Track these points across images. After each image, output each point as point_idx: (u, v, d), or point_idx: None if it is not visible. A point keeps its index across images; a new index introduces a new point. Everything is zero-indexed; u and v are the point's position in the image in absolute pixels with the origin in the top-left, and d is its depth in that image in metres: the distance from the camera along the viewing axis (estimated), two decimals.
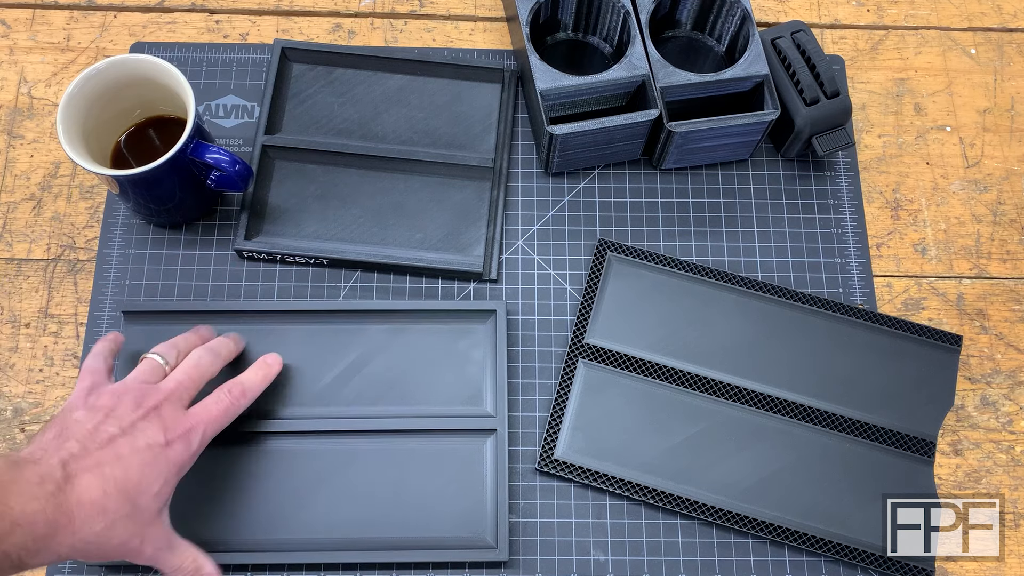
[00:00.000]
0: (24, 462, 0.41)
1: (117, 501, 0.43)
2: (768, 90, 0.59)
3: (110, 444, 0.44)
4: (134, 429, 0.45)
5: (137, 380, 0.48)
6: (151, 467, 0.45)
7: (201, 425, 0.48)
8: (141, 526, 0.44)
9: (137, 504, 0.44)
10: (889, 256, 0.62)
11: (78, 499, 0.42)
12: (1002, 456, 0.58)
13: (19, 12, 0.67)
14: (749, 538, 0.55)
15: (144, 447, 0.45)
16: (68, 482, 0.42)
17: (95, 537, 0.42)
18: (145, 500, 0.44)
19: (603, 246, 0.60)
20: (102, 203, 0.62)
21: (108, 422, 0.45)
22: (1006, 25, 0.70)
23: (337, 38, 0.67)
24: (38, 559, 0.40)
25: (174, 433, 0.46)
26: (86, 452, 0.43)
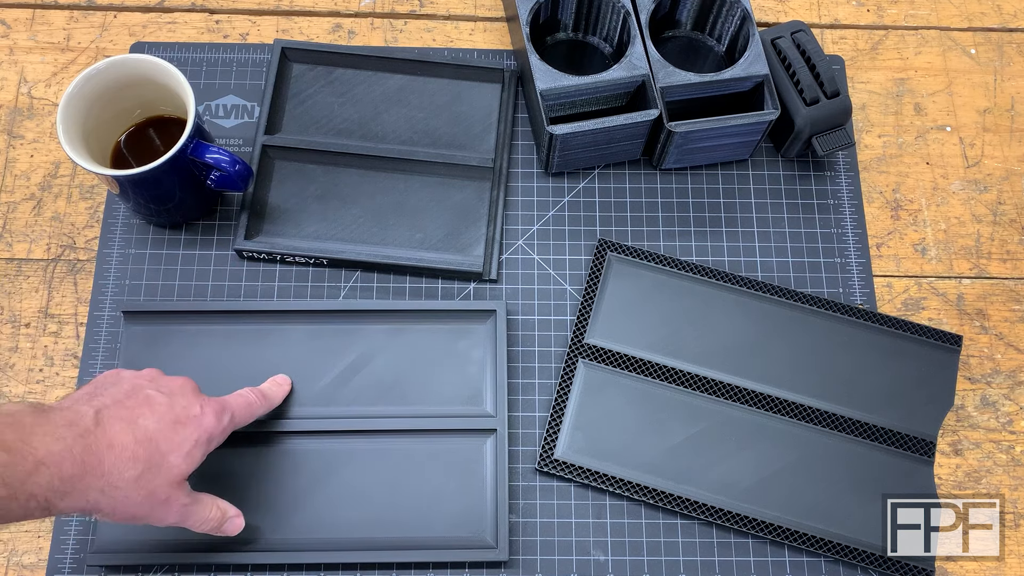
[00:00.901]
0: (52, 409, 0.42)
1: (148, 450, 0.43)
2: (768, 90, 0.59)
3: (147, 401, 0.45)
4: (172, 395, 0.46)
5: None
6: (183, 426, 0.46)
7: (231, 408, 0.49)
8: (168, 483, 0.44)
9: (167, 459, 0.44)
10: (889, 256, 0.62)
11: (109, 442, 0.42)
12: (1002, 456, 0.58)
13: (19, 12, 0.67)
14: (749, 538, 0.55)
15: (180, 408, 0.46)
16: (99, 426, 0.42)
17: (124, 484, 0.42)
18: (175, 458, 0.45)
19: (603, 246, 0.60)
20: (102, 203, 0.62)
21: (148, 385, 0.46)
22: (1006, 25, 0.70)
23: (337, 38, 0.67)
24: (67, 502, 0.40)
25: (208, 406, 0.48)
26: (120, 404, 0.44)
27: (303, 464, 0.54)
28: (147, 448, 0.43)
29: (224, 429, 0.48)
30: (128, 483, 0.42)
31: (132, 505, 0.43)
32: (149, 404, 0.45)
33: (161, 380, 0.47)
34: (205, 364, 0.56)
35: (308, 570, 0.53)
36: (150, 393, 0.46)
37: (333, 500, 0.54)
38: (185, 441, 0.45)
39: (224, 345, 0.57)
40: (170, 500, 0.45)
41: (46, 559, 0.53)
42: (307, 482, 0.54)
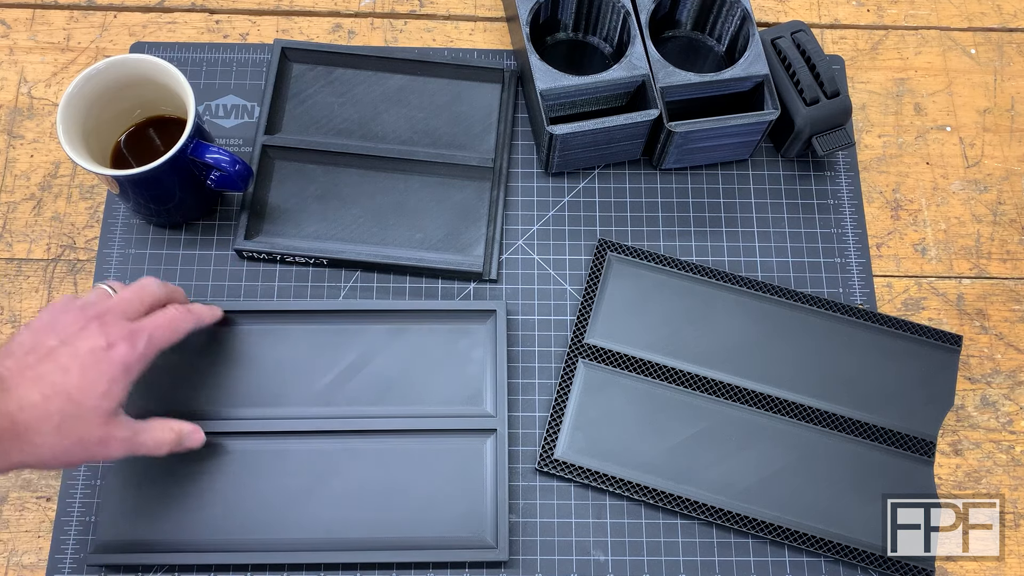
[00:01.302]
0: None
1: (60, 403, 0.44)
2: (768, 90, 0.59)
3: (49, 355, 0.45)
4: (74, 339, 0.46)
5: (81, 301, 0.49)
6: (93, 369, 0.45)
7: (146, 330, 0.48)
8: (96, 426, 0.45)
9: (84, 405, 0.45)
10: (889, 256, 0.62)
11: (18, 405, 0.43)
12: (1002, 456, 0.58)
13: (19, 12, 0.67)
14: (749, 538, 0.55)
15: (85, 352, 0.46)
16: (6, 393, 0.43)
17: (45, 439, 0.43)
18: (92, 401, 0.45)
19: (603, 246, 0.60)
20: (102, 203, 0.62)
21: (47, 336, 0.46)
22: (1006, 25, 0.70)
23: (337, 38, 0.67)
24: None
25: (116, 336, 0.47)
26: (25, 366, 0.44)
27: (303, 464, 0.54)
28: (59, 401, 0.44)
29: (142, 354, 0.47)
30: (50, 436, 0.43)
31: (64, 453, 0.44)
32: (52, 358, 0.45)
33: (60, 322, 0.47)
34: (205, 365, 0.56)
35: (308, 570, 0.53)
36: (51, 345, 0.45)
37: (333, 500, 0.54)
38: (98, 382, 0.45)
39: (223, 345, 0.57)
40: (107, 439, 0.46)
41: (46, 559, 0.53)
42: (307, 482, 0.54)
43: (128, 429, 0.47)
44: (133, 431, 0.48)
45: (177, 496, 0.53)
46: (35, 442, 0.43)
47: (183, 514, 0.53)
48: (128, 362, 0.47)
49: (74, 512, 0.54)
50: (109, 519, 0.53)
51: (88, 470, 0.55)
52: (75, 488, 0.55)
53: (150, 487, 0.54)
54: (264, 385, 0.56)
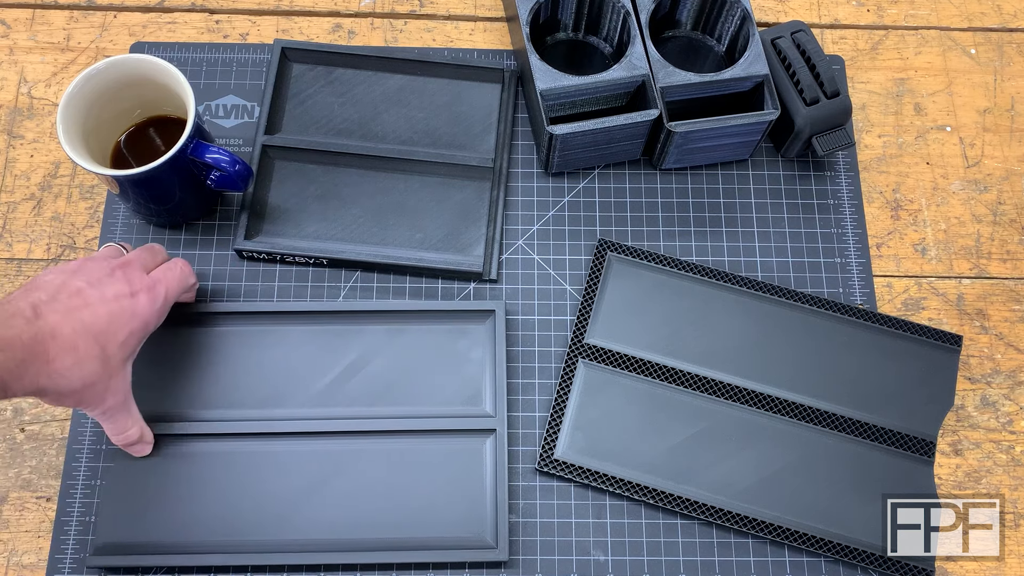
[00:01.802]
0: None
1: (86, 341, 0.45)
2: (768, 90, 0.59)
3: (79, 294, 0.46)
4: (101, 283, 0.48)
5: (100, 254, 0.52)
6: (117, 316, 0.47)
7: (163, 283, 0.51)
8: (107, 373, 0.47)
9: (104, 349, 0.46)
10: (889, 256, 0.62)
11: (51, 332, 0.44)
12: (1002, 456, 0.58)
13: (19, 12, 0.67)
14: (749, 538, 0.55)
15: (111, 297, 0.47)
16: (39, 318, 0.44)
17: (67, 371, 0.44)
18: (112, 347, 0.47)
19: (603, 246, 0.60)
20: (102, 203, 0.62)
21: (76, 277, 0.47)
22: (1006, 25, 0.70)
23: (337, 38, 0.67)
24: (19, 385, 0.43)
25: (139, 286, 0.49)
26: (54, 299, 0.45)
27: (303, 465, 0.54)
28: (85, 340, 0.45)
29: (159, 310, 0.50)
30: (70, 370, 0.45)
31: (73, 391, 0.46)
32: (81, 296, 0.46)
33: (86, 267, 0.48)
34: (203, 365, 0.56)
35: (308, 571, 0.53)
36: (80, 286, 0.47)
37: (333, 501, 0.54)
38: (120, 330, 0.47)
39: (220, 347, 0.57)
40: (106, 391, 0.47)
41: (46, 559, 0.53)
42: (307, 483, 0.54)
43: (122, 395, 0.49)
44: (123, 402, 0.49)
45: (176, 498, 0.53)
46: (59, 372, 0.44)
47: (182, 516, 0.53)
48: (147, 315, 0.49)
49: (74, 512, 0.54)
50: (108, 521, 0.53)
51: (88, 470, 0.55)
52: (75, 488, 0.55)
53: (149, 489, 0.54)
54: (263, 386, 0.56)
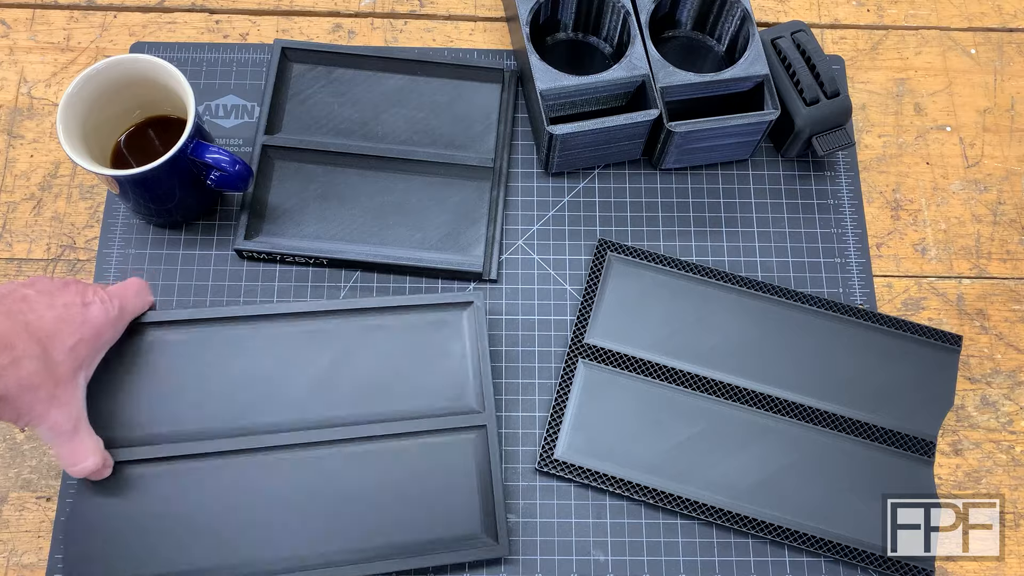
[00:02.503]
0: None
1: (25, 341, 0.42)
2: (768, 90, 0.59)
3: (24, 299, 0.44)
4: (51, 292, 0.45)
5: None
6: (65, 321, 0.45)
7: (118, 296, 0.49)
8: (51, 379, 0.44)
9: (48, 352, 0.43)
10: (889, 256, 0.62)
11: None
12: (1002, 456, 0.58)
13: (19, 12, 0.67)
14: (749, 538, 0.55)
15: (60, 304, 0.45)
16: None
17: (0, 370, 0.41)
18: (58, 352, 0.44)
19: (603, 246, 0.60)
20: (102, 203, 0.62)
21: (26, 287, 0.45)
22: (1006, 25, 0.70)
23: (337, 38, 0.67)
24: None
25: (92, 298, 0.47)
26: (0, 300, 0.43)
27: (288, 477, 0.52)
28: (24, 340, 0.42)
29: (113, 320, 0.47)
30: (5, 369, 0.41)
31: (11, 394, 0.42)
32: (27, 302, 0.44)
33: (43, 281, 0.46)
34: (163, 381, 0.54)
35: None
36: (27, 293, 0.44)
37: (326, 512, 0.52)
38: (69, 336, 0.44)
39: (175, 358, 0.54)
40: (49, 405, 0.43)
41: (46, 559, 0.53)
42: (296, 495, 0.52)
43: (74, 411, 0.45)
44: (76, 420, 0.45)
45: (157, 521, 0.51)
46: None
47: (164, 539, 0.51)
48: (100, 324, 0.46)
49: None
50: (78, 553, 0.50)
51: None
52: (75, 488, 0.54)
53: (119, 519, 0.51)
54: (237, 398, 0.53)
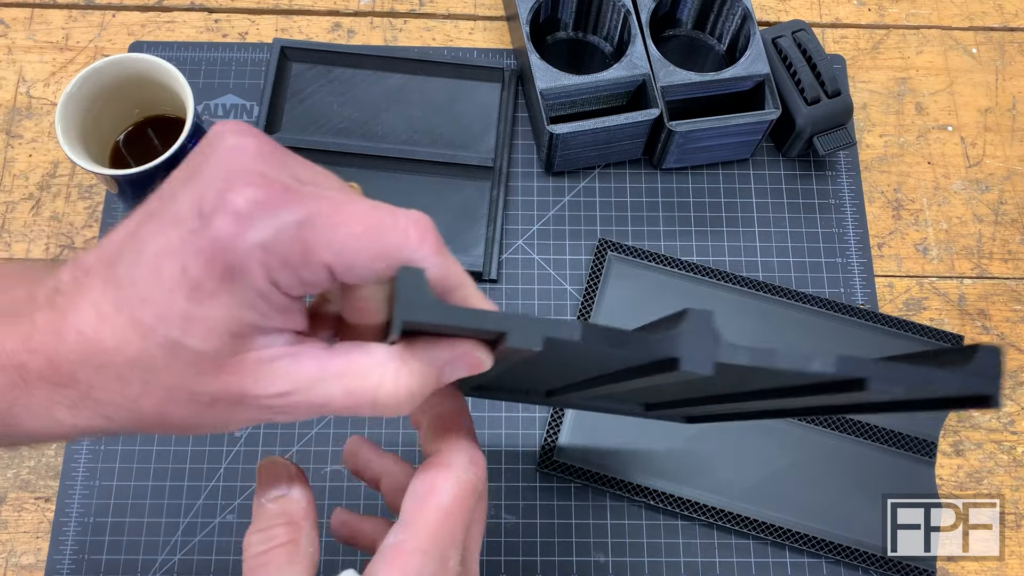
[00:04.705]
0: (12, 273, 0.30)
1: (117, 333, 0.25)
2: (769, 89, 0.59)
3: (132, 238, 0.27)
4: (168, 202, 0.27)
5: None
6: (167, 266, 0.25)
7: (282, 207, 0.27)
8: (189, 375, 0.26)
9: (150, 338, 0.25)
10: (890, 256, 0.62)
11: (57, 337, 0.26)
12: (1004, 456, 0.58)
13: (17, 11, 0.67)
14: (750, 539, 0.55)
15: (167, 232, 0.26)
16: (54, 312, 0.27)
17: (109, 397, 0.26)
18: (169, 329, 0.25)
19: (603, 246, 0.60)
20: (101, 203, 0.61)
21: (154, 197, 0.28)
22: (1007, 24, 0.69)
23: (336, 37, 0.67)
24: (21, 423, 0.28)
25: (241, 199, 0.26)
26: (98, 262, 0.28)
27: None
28: (117, 329, 0.25)
29: (265, 242, 0.24)
30: (112, 386, 0.26)
31: (157, 417, 0.26)
32: (135, 241, 0.26)
33: (192, 161, 0.26)
34: None
35: None
36: (139, 217, 0.26)
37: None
38: (172, 294, 0.24)
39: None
40: (219, 399, 0.26)
41: (44, 560, 0.53)
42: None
43: (269, 379, 0.26)
44: (290, 383, 0.26)
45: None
46: (93, 397, 0.26)
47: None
48: (232, 251, 0.24)
49: (72, 513, 0.54)
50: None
51: (86, 471, 0.55)
52: (73, 489, 0.54)
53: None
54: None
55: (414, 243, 0.26)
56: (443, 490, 0.29)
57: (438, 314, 0.24)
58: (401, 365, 0.27)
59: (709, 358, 0.24)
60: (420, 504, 0.29)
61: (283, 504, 0.30)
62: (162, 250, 0.24)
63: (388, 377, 0.26)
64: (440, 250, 0.27)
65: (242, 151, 0.25)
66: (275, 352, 0.26)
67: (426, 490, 0.29)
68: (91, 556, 0.53)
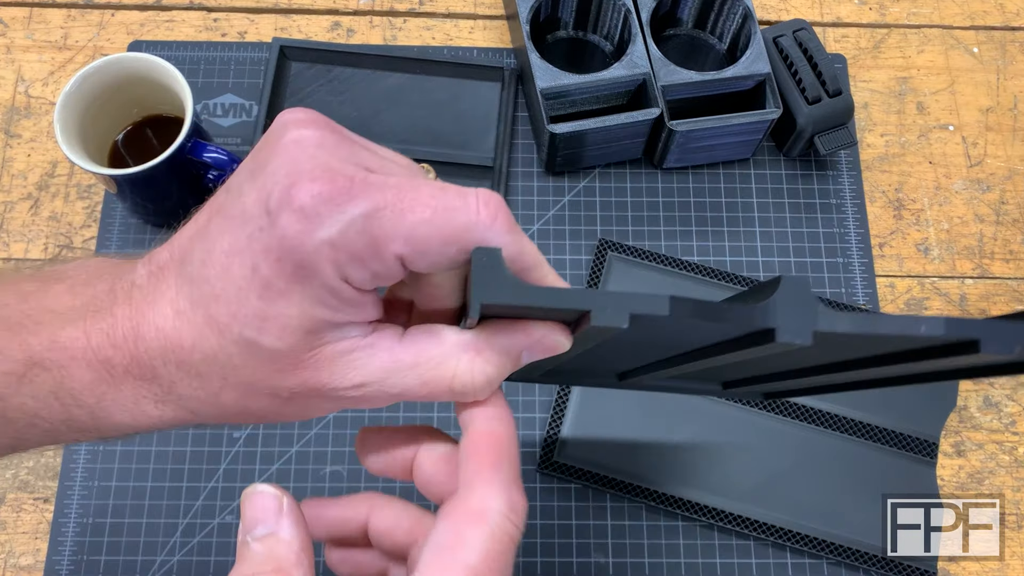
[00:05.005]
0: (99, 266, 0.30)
1: (194, 331, 0.26)
2: (770, 89, 0.59)
3: (200, 235, 0.27)
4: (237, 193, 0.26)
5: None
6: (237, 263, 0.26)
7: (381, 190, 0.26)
8: (268, 372, 0.26)
9: (226, 335, 0.26)
10: (892, 256, 0.62)
11: (135, 333, 0.27)
12: (1005, 457, 0.57)
13: (16, 10, 0.67)
14: (751, 540, 0.55)
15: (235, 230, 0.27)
16: (130, 307, 0.27)
17: (191, 392, 0.27)
18: (245, 328, 0.25)
19: (603, 246, 0.60)
20: (99, 203, 0.61)
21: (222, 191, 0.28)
22: (1008, 24, 0.69)
23: (336, 36, 0.67)
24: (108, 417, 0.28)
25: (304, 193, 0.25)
26: (171, 258, 0.28)
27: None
28: (194, 327, 0.25)
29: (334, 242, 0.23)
30: (190, 382, 0.26)
31: (237, 411, 0.27)
32: (202, 237, 0.26)
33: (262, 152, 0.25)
34: None
35: None
36: (209, 211, 0.26)
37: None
38: (244, 292, 0.24)
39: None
40: (301, 392, 0.26)
41: (43, 560, 0.53)
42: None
43: (345, 373, 0.26)
44: (365, 375, 0.26)
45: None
46: (176, 392, 0.26)
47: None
48: (301, 250, 0.23)
49: (71, 514, 0.54)
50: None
51: (85, 471, 0.55)
52: (72, 490, 0.54)
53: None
54: None
55: (486, 223, 0.25)
56: (472, 544, 0.24)
57: (518, 294, 0.23)
58: (475, 355, 0.26)
59: (807, 327, 0.23)
60: (442, 558, 0.24)
61: (270, 545, 0.26)
62: (231, 248, 0.24)
63: (462, 368, 0.26)
64: (513, 228, 0.26)
65: (306, 143, 0.25)
66: (349, 345, 0.26)
67: (451, 542, 0.25)
68: (90, 557, 0.53)
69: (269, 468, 0.55)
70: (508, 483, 0.26)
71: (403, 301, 0.30)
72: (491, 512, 0.25)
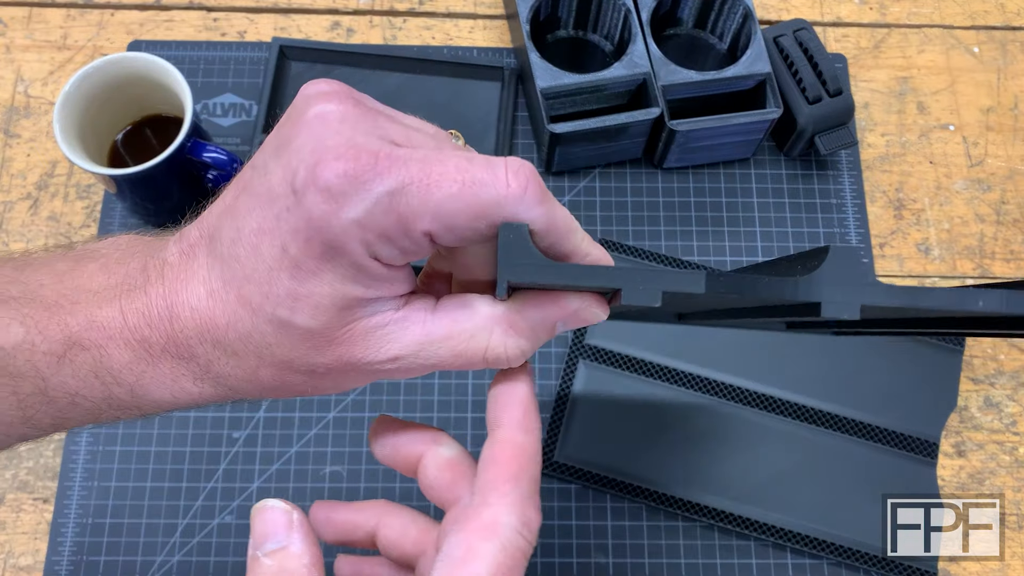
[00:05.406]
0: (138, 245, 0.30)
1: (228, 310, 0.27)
2: (770, 88, 0.59)
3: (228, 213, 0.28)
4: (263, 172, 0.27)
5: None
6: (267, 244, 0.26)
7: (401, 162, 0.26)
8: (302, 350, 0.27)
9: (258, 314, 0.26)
10: (892, 256, 0.62)
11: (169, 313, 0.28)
12: (1005, 457, 0.57)
13: (15, 10, 0.67)
14: (751, 541, 0.54)
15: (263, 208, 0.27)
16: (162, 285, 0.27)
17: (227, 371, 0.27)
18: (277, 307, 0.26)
19: (603, 246, 0.60)
20: (99, 203, 0.61)
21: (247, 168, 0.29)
22: (1009, 24, 0.69)
23: (336, 36, 0.67)
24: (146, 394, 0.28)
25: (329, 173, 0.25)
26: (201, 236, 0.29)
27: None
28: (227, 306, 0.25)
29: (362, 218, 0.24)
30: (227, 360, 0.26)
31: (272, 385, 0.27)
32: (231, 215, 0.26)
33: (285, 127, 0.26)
34: None
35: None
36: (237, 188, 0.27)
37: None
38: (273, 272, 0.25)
39: None
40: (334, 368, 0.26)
41: (43, 561, 0.53)
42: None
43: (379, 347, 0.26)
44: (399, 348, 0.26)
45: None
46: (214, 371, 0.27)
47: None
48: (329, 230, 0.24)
49: (71, 514, 0.54)
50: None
51: (85, 472, 0.55)
52: (72, 490, 0.54)
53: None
54: None
55: (516, 195, 0.24)
56: (483, 558, 0.24)
57: (544, 274, 0.23)
58: (508, 327, 0.26)
59: (855, 301, 0.23)
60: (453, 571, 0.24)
61: (281, 559, 0.26)
62: (260, 227, 0.25)
63: (495, 341, 0.26)
64: (544, 198, 0.25)
65: (329, 118, 0.25)
66: (382, 319, 0.26)
67: (463, 554, 0.24)
68: (89, 557, 0.53)
69: (269, 468, 0.55)
70: (524, 498, 0.26)
71: (442, 272, 0.30)
72: (504, 526, 0.25)
